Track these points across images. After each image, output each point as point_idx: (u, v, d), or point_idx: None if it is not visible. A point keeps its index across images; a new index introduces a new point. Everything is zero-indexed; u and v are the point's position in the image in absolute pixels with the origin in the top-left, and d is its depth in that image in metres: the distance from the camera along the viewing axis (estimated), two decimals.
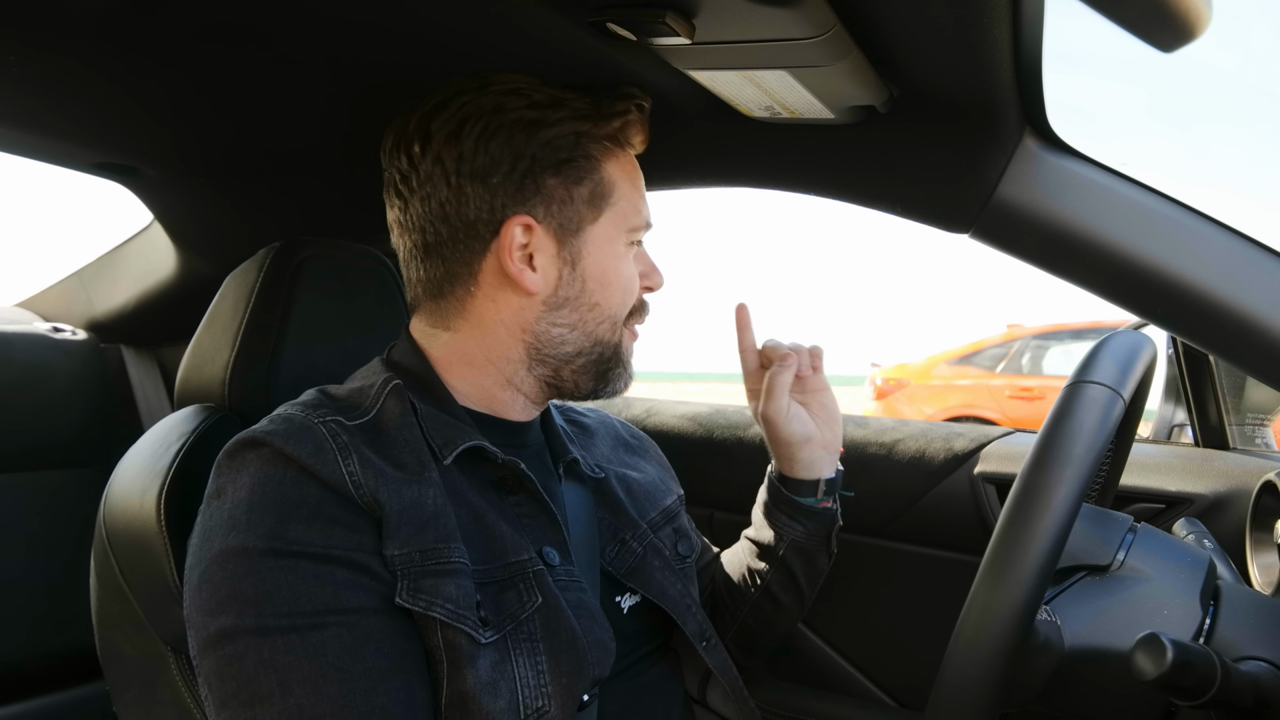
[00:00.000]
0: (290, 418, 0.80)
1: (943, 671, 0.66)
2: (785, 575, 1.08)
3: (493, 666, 0.75)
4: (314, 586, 0.72)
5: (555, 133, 0.85)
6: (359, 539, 0.75)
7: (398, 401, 0.85)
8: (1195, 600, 0.74)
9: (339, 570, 0.73)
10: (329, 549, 0.73)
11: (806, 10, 0.73)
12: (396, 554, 0.75)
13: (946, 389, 7.23)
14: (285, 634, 0.70)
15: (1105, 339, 0.76)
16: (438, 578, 0.75)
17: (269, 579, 0.72)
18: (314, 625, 0.71)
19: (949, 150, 0.98)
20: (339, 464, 0.76)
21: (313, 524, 0.74)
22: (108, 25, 0.86)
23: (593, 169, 0.87)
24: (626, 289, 0.91)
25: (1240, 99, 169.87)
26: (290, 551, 0.72)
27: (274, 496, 0.75)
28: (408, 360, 0.91)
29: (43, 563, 1.62)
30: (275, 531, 0.73)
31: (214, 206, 1.45)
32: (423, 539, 0.76)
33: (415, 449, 0.81)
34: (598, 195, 0.88)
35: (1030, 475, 0.67)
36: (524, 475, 0.86)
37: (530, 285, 0.86)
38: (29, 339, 1.67)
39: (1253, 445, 1.46)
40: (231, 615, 0.71)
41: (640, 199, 0.92)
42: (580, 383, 0.92)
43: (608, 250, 0.89)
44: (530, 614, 0.79)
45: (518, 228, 0.85)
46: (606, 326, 0.90)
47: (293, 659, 0.70)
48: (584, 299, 0.88)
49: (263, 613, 0.71)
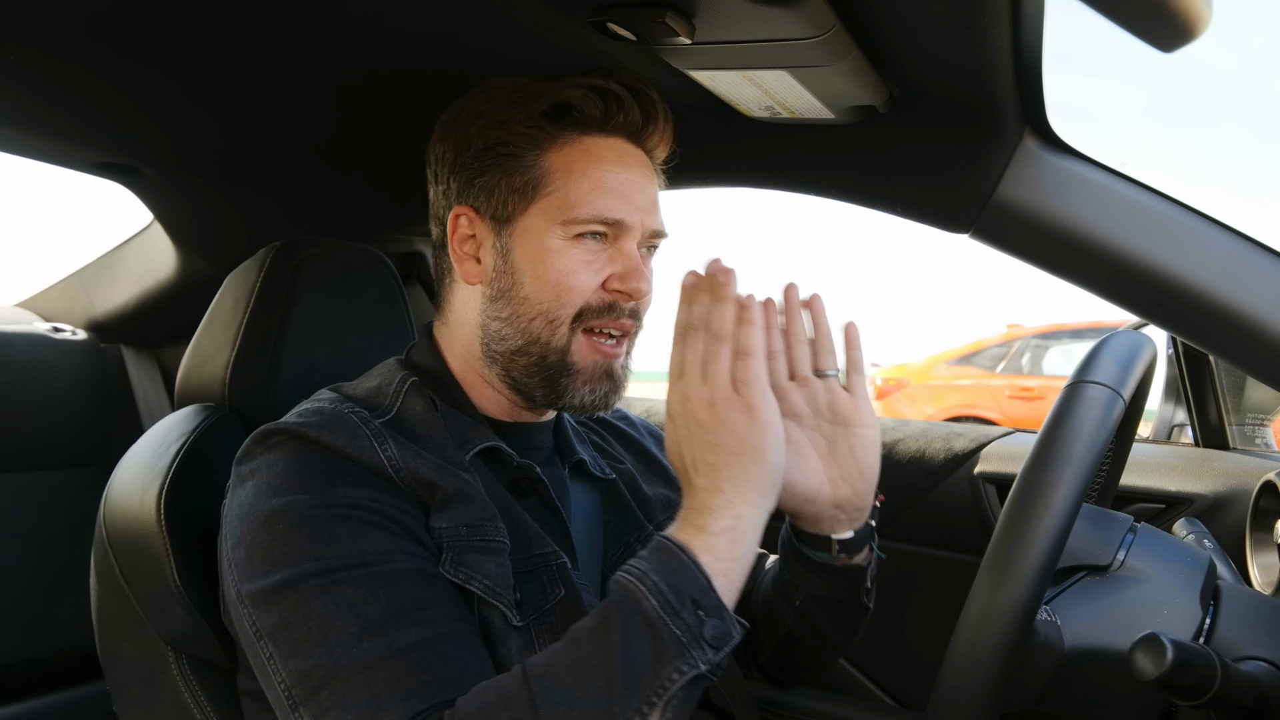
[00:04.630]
0: (320, 410, 0.80)
1: (943, 671, 0.66)
2: (809, 624, 0.93)
3: (518, 652, 0.75)
4: (373, 534, 0.72)
5: (486, 121, 0.86)
6: (406, 507, 0.75)
7: (420, 399, 0.85)
8: (1195, 600, 0.74)
9: (395, 529, 0.73)
10: (381, 508, 0.73)
11: (806, 10, 0.73)
12: (445, 526, 0.75)
13: (946, 389, 7.23)
14: (353, 570, 0.70)
15: (1105, 339, 0.76)
16: (480, 554, 0.75)
17: (325, 529, 0.71)
18: (382, 561, 0.71)
19: (949, 150, 0.98)
20: (375, 449, 0.77)
21: (361, 489, 0.74)
22: (108, 26, 0.86)
23: (521, 156, 0.84)
24: (559, 284, 0.83)
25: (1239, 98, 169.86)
26: (343, 504, 0.72)
27: (316, 466, 0.75)
28: (426, 361, 0.91)
29: (43, 562, 1.62)
30: (324, 490, 0.73)
31: (214, 206, 1.44)
32: (470, 514, 0.77)
33: (442, 443, 0.82)
34: (530, 185, 0.84)
35: (1030, 475, 0.67)
36: (538, 479, 0.87)
37: (468, 275, 0.88)
38: (29, 339, 1.67)
39: (1253, 445, 1.46)
40: (289, 568, 0.70)
41: (592, 189, 0.83)
42: (533, 387, 0.86)
43: (536, 241, 0.84)
44: (554, 605, 0.79)
45: (461, 218, 0.88)
46: (540, 324, 0.84)
47: (365, 590, 0.69)
48: (515, 291, 0.85)
49: (323, 558, 0.70)
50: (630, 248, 0.85)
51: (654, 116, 0.87)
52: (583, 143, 0.85)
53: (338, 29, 0.89)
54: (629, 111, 0.86)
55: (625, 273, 0.84)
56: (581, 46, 0.88)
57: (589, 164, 0.84)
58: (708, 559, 0.67)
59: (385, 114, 1.12)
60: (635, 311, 0.87)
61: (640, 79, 0.87)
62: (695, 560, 0.66)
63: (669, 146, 0.91)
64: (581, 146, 0.85)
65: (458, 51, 0.95)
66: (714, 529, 0.68)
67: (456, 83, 0.98)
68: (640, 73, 0.88)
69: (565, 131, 0.85)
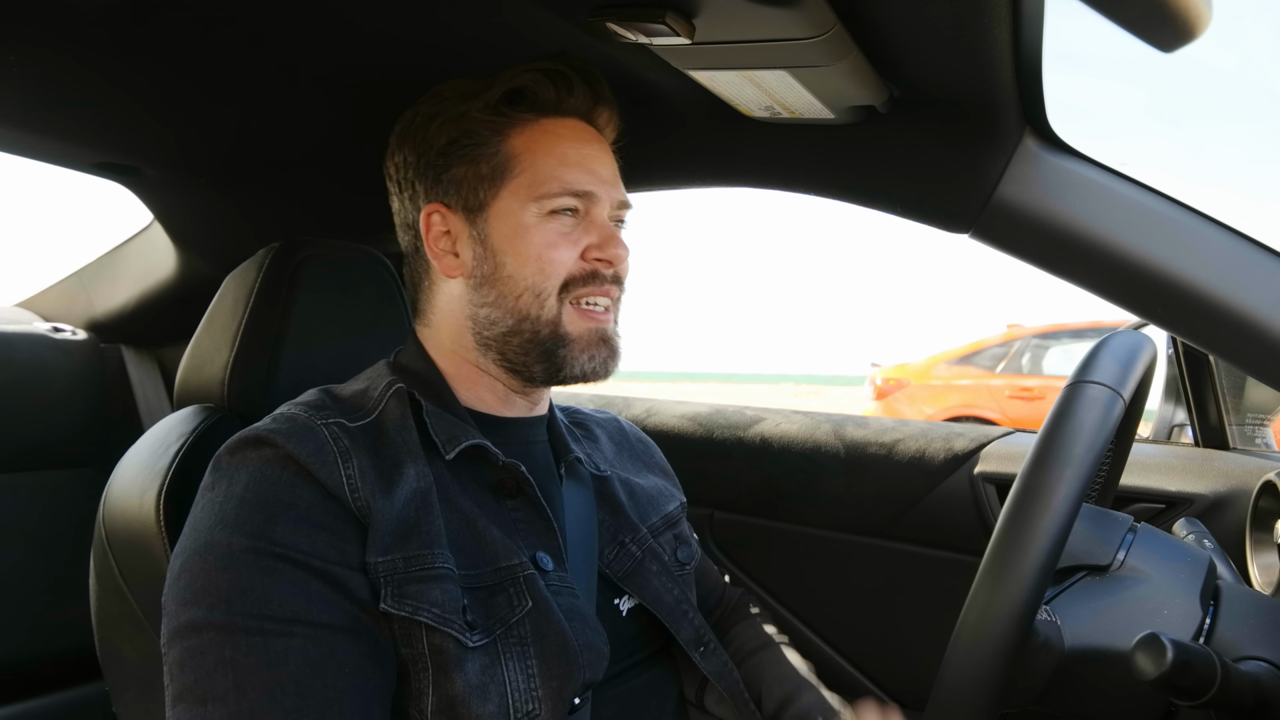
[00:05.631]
0: (294, 417, 0.80)
1: (943, 671, 0.66)
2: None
3: (482, 670, 0.75)
4: (288, 592, 0.72)
5: (444, 118, 0.88)
6: (343, 548, 0.75)
7: (404, 403, 0.86)
8: (1195, 600, 0.74)
9: (315, 582, 0.73)
10: (310, 557, 0.73)
11: (806, 10, 0.73)
12: (381, 560, 0.75)
13: (946, 389, 7.23)
14: (250, 635, 0.70)
15: (1105, 339, 0.76)
16: (423, 583, 0.75)
17: (245, 577, 0.71)
18: (281, 632, 0.70)
19: (949, 150, 0.98)
20: (339, 467, 0.76)
21: (299, 528, 0.74)
22: (108, 25, 0.86)
23: (485, 144, 0.87)
24: (541, 256, 0.86)
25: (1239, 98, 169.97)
26: (272, 553, 0.72)
27: (267, 495, 0.75)
28: (414, 363, 0.92)
29: (42, 563, 1.62)
30: (261, 530, 0.73)
31: (214, 206, 1.45)
32: (406, 547, 0.76)
33: (412, 451, 0.82)
34: (497, 170, 0.87)
35: (1030, 475, 0.67)
36: (523, 479, 0.86)
37: (449, 269, 0.89)
38: (29, 339, 1.67)
39: (1253, 445, 1.46)
40: (203, 608, 0.71)
41: (558, 165, 0.87)
42: (531, 365, 0.88)
43: (511, 221, 0.87)
44: (520, 618, 0.79)
45: (434, 216, 0.89)
46: (528, 299, 0.86)
47: (254, 662, 0.69)
48: (499, 273, 0.87)
49: (232, 610, 0.70)
50: (602, 217, 0.89)
51: (603, 95, 0.91)
52: (541, 124, 0.89)
53: (335, 31, 0.89)
54: (579, 91, 0.89)
55: (601, 240, 0.88)
56: (581, 47, 0.88)
57: (551, 142, 0.88)
58: None
59: (384, 115, 1.12)
60: (617, 277, 0.90)
61: (585, 61, 0.89)
62: None
63: (616, 127, 0.95)
64: (541, 127, 0.88)
65: (455, 53, 0.95)
66: None
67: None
68: (640, 73, 0.88)
69: (523, 114, 0.88)
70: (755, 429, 1.62)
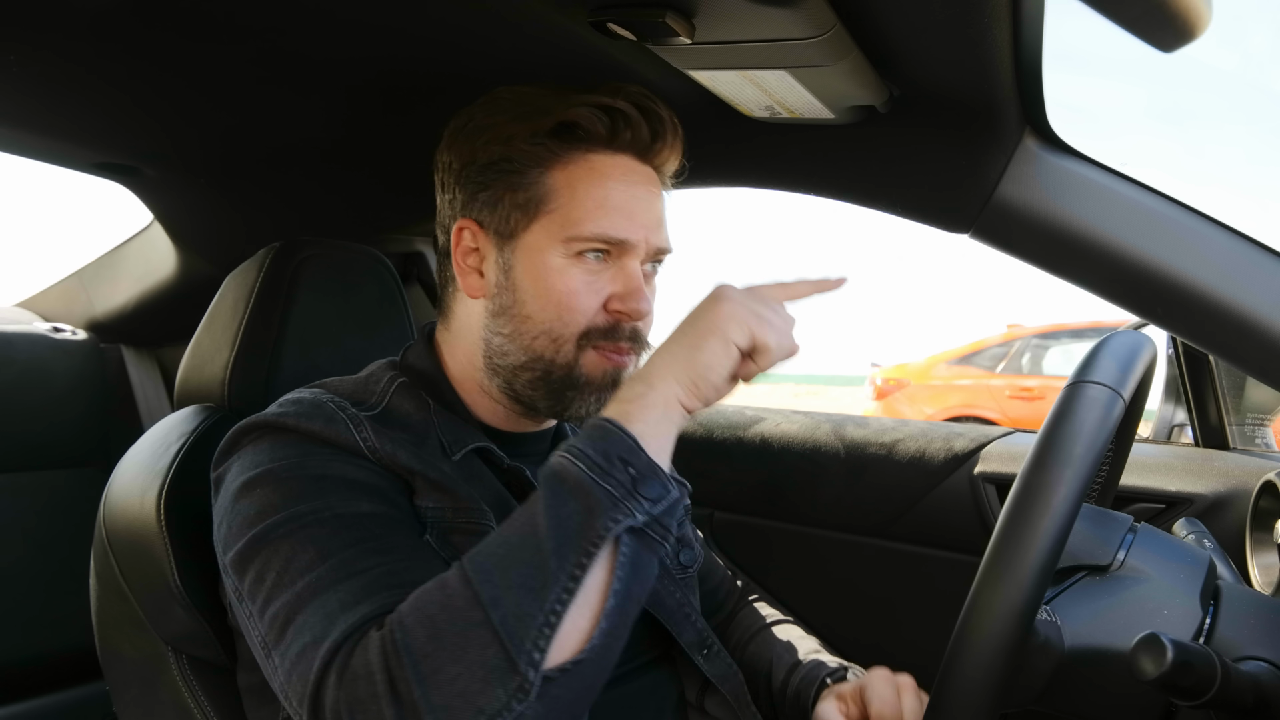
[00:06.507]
0: (299, 399, 0.81)
1: (943, 671, 0.65)
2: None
3: None
4: (344, 492, 0.73)
5: (491, 136, 0.85)
6: (387, 480, 0.76)
7: (410, 399, 0.86)
8: (1195, 600, 0.74)
9: (368, 490, 0.74)
10: (358, 476, 0.74)
11: (806, 10, 0.73)
12: (430, 506, 0.76)
13: (946, 389, 7.23)
14: (318, 515, 0.70)
15: (1105, 339, 0.75)
16: (467, 535, 0.76)
17: (296, 486, 0.72)
18: (352, 510, 0.71)
19: (949, 150, 0.98)
20: (352, 432, 0.78)
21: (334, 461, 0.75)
22: (108, 26, 0.86)
23: (525, 173, 0.84)
24: (564, 304, 0.83)
25: (1239, 98, 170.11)
26: (318, 474, 0.73)
27: (295, 446, 0.76)
28: (421, 363, 0.91)
29: (43, 563, 1.62)
30: (300, 462, 0.74)
31: (214, 206, 1.45)
32: (456, 497, 0.77)
33: (429, 440, 0.83)
34: (533, 201, 0.83)
35: (1030, 475, 0.67)
36: (528, 483, 0.87)
37: (472, 289, 0.88)
38: (29, 339, 1.67)
39: (1253, 445, 1.46)
40: (260, 523, 0.71)
41: (596, 208, 0.83)
42: (536, 399, 0.86)
43: (539, 260, 0.83)
44: None
45: (465, 231, 0.87)
46: (544, 342, 0.84)
47: (329, 530, 0.70)
48: (517, 309, 0.84)
49: (293, 507, 0.71)
50: (632, 267, 0.85)
51: (662, 133, 0.86)
52: (589, 160, 0.84)
53: (336, 30, 0.89)
54: (637, 129, 0.85)
55: (626, 293, 0.84)
56: (581, 47, 0.88)
57: (594, 182, 0.83)
58: (638, 426, 0.68)
59: (384, 115, 1.12)
60: (636, 333, 0.86)
61: (648, 95, 0.85)
62: (620, 426, 0.67)
63: (679, 160, 0.91)
64: (587, 164, 0.84)
65: (456, 52, 0.95)
66: (626, 395, 0.70)
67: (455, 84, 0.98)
68: (640, 73, 0.88)
69: (570, 149, 0.84)
70: (755, 429, 1.62)
